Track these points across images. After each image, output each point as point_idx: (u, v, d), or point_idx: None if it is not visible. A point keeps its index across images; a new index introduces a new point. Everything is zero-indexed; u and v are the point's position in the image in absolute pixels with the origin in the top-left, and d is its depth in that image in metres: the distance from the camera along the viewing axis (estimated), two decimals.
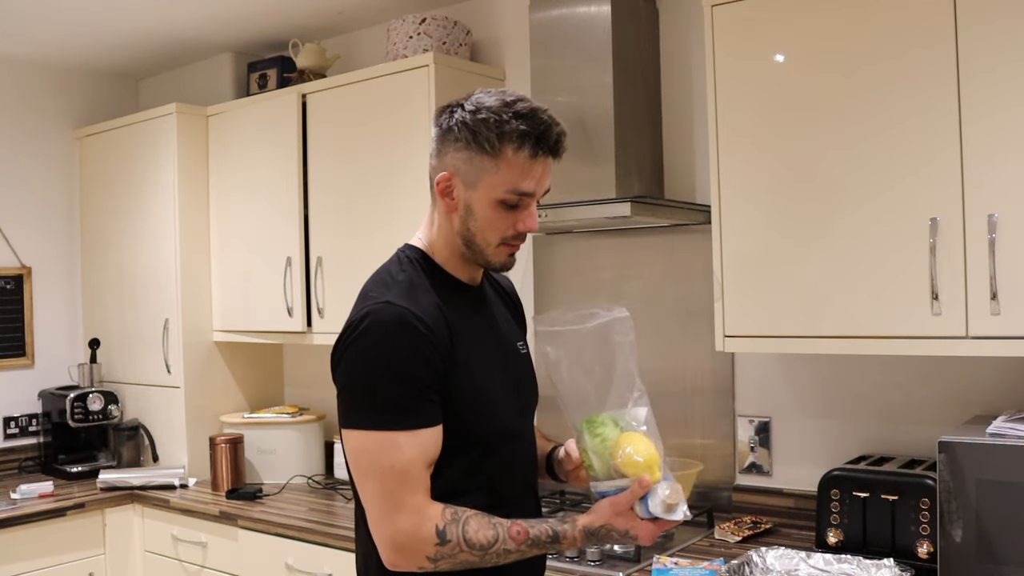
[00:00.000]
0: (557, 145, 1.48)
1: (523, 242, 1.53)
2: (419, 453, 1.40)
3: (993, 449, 1.84)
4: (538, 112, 1.46)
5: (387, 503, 1.40)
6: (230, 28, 3.51)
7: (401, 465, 1.39)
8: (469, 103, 1.47)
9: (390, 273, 1.52)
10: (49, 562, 3.16)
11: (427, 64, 2.89)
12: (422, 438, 1.41)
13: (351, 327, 1.43)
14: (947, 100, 1.96)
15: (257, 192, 3.42)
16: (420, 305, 1.44)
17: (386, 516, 1.40)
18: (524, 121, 1.43)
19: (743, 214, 2.26)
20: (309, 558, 2.76)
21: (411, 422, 1.40)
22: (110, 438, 3.73)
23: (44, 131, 3.90)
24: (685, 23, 2.74)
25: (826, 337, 2.14)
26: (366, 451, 1.41)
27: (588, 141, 2.60)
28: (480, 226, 1.48)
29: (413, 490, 1.40)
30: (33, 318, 3.84)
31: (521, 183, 1.45)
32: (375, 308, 1.42)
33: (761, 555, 2.11)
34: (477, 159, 1.45)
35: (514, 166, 1.44)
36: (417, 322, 1.41)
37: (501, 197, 1.46)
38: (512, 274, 3.12)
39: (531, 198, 1.48)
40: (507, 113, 1.43)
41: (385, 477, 1.40)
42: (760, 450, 2.63)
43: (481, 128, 1.44)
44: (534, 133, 1.44)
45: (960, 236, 1.95)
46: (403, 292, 1.46)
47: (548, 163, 1.49)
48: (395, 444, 1.39)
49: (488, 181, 1.45)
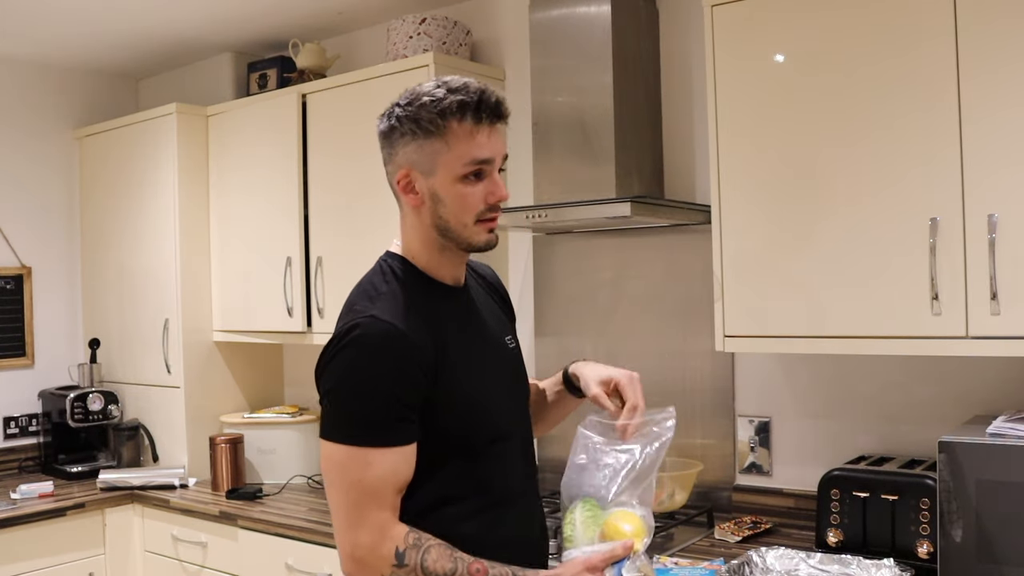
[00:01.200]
0: (499, 106, 1.49)
1: (499, 214, 1.52)
2: (389, 471, 1.41)
3: (993, 449, 1.84)
4: (470, 83, 1.47)
5: (351, 516, 1.41)
6: (230, 28, 3.51)
7: (369, 481, 1.40)
8: (402, 97, 1.48)
9: (374, 285, 1.52)
10: (49, 562, 3.16)
11: (427, 64, 2.89)
12: (394, 457, 1.41)
13: (337, 339, 1.44)
14: (947, 100, 1.96)
15: (257, 192, 3.42)
16: (405, 320, 1.44)
17: (348, 528, 1.42)
18: (458, 93, 1.44)
19: (743, 214, 2.26)
20: (309, 558, 2.76)
21: (385, 440, 1.41)
22: (110, 438, 3.73)
23: (44, 131, 3.90)
24: (685, 23, 2.74)
25: (826, 337, 2.14)
26: (337, 463, 1.42)
27: (588, 141, 2.60)
28: (451, 210, 1.47)
29: (379, 507, 1.41)
30: (33, 318, 3.84)
31: (475, 152, 1.45)
32: (361, 322, 1.43)
33: (761, 555, 2.11)
34: (427, 145, 1.45)
35: (462, 138, 1.45)
36: (402, 339, 1.41)
37: (460, 172, 1.45)
38: (512, 274, 3.14)
39: (490, 166, 1.48)
40: (440, 91, 1.45)
41: (351, 490, 1.41)
42: (760, 450, 2.63)
43: (421, 113, 1.44)
44: (472, 101, 1.45)
45: (960, 236, 1.95)
46: (388, 306, 1.45)
47: (496, 128, 1.49)
48: (366, 460, 1.40)
49: (443, 161, 1.45)
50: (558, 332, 3.03)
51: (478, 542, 1.51)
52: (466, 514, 1.51)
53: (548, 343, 3.06)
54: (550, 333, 3.05)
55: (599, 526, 1.47)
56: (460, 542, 1.48)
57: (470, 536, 1.50)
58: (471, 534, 1.50)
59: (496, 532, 1.55)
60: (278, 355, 3.89)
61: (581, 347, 2.97)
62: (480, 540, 1.51)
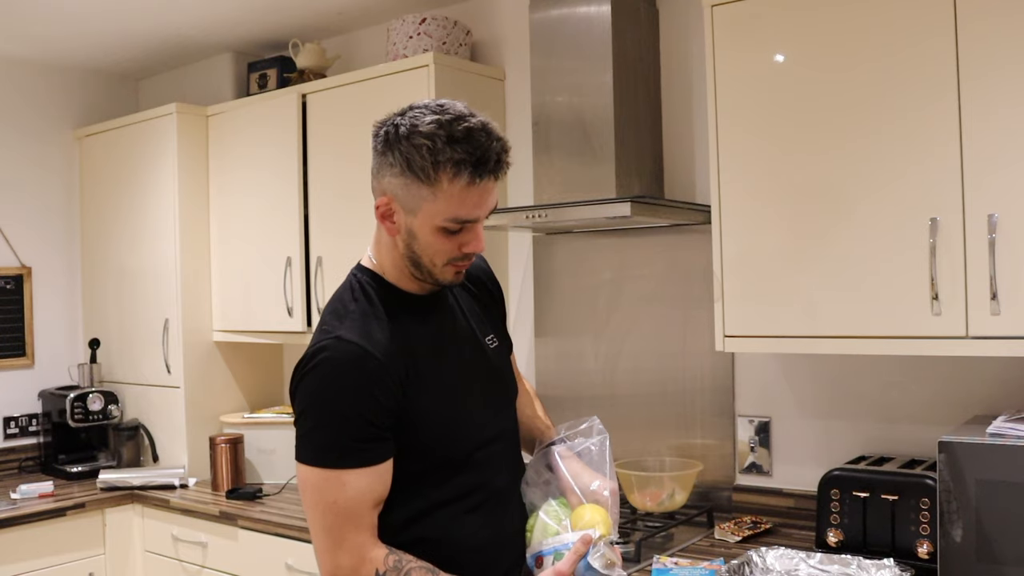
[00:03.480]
0: (497, 167, 1.41)
1: (472, 259, 1.51)
2: (365, 491, 1.40)
3: (993, 449, 1.84)
4: (474, 133, 1.38)
5: (330, 539, 1.41)
6: (230, 28, 3.51)
7: (344, 502, 1.39)
8: (404, 123, 1.40)
9: (343, 302, 1.50)
10: (49, 562, 3.16)
11: (427, 64, 2.89)
12: (368, 477, 1.40)
13: (305, 361, 1.43)
14: (947, 100, 1.96)
15: (257, 192, 3.42)
16: (372, 339, 1.43)
17: (328, 551, 1.41)
18: (459, 147, 1.36)
19: (743, 214, 2.26)
20: (309, 558, 2.76)
21: (357, 460, 1.40)
22: (110, 438, 3.73)
23: (44, 131, 3.90)
24: (685, 23, 2.74)
25: (826, 337, 2.14)
26: (312, 486, 1.41)
27: (588, 141, 2.60)
28: (424, 250, 1.45)
29: (356, 529, 1.40)
30: (33, 318, 3.84)
31: (460, 211, 1.40)
32: (327, 343, 1.42)
33: (761, 555, 2.11)
34: (414, 187, 1.40)
35: (451, 196, 1.39)
36: (367, 359, 1.40)
37: (441, 225, 1.42)
38: (512, 274, 3.14)
39: (475, 223, 1.44)
40: (441, 139, 1.36)
41: (328, 512, 1.40)
42: (760, 450, 2.63)
43: (415, 156, 1.38)
44: (470, 160, 1.37)
45: (960, 236, 1.95)
46: (355, 325, 1.44)
47: (490, 185, 1.42)
48: (340, 481, 1.39)
49: (426, 209, 1.41)
50: (558, 332, 3.03)
51: (473, 543, 1.51)
52: (458, 517, 1.51)
53: (548, 343, 3.06)
54: (550, 333, 3.05)
55: (566, 517, 1.53)
56: (454, 544, 1.48)
57: (464, 537, 1.50)
58: (465, 535, 1.51)
59: (490, 530, 1.54)
60: (278, 355, 3.89)
61: (581, 347, 2.97)
62: (475, 540, 1.52)
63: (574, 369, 2.99)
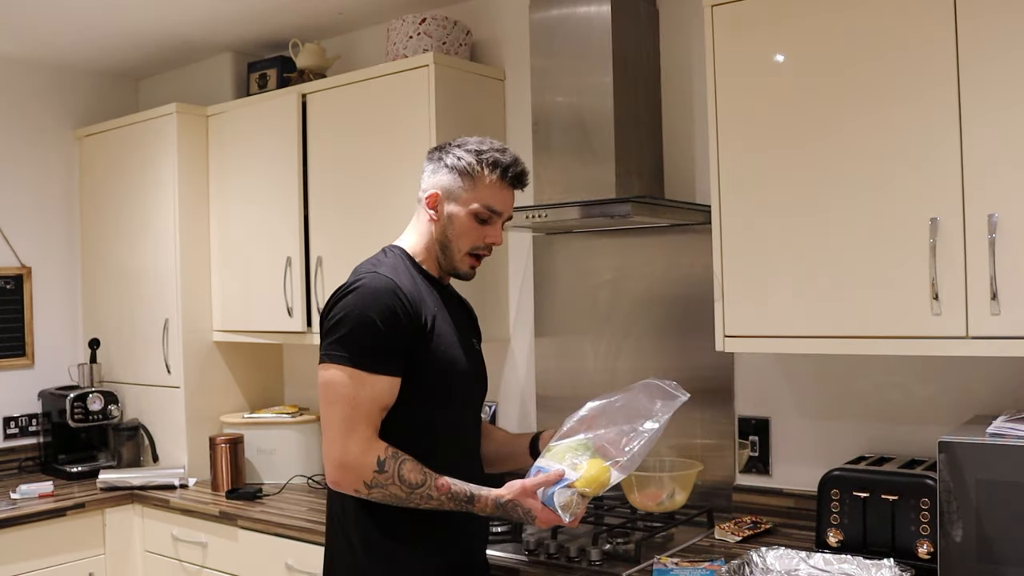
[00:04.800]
0: (523, 176, 1.88)
1: (486, 256, 1.91)
2: (377, 394, 1.73)
3: (993, 449, 1.84)
4: (507, 150, 1.88)
5: (343, 428, 1.71)
6: (230, 28, 3.51)
7: (360, 399, 1.71)
8: (456, 142, 1.89)
9: (376, 258, 1.88)
10: (49, 562, 3.16)
11: (427, 64, 2.89)
12: (382, 383, 1.73)
13: (346, 286, 1.78)
14: (947, 100, 1.96)
15: (257, 192, 3.42)
16: (401, 281, 1.79)
17: (339, 438, 1.72)
18: (499, 153, 1.86)
19: (743, 214, 2.26)
20: (309, 558, 2.76)
21: (376, 367, 1.72)
22: (110, 438, 3.73)
23: (44, 131, 3.91)
24: (685, 23, 2.74)
25: (826, 337, 2.14)
26: (335, 382, 1.72)
27: (588, 141, 2.60)
28: (456, 232, 1.86)
29: (366, 424, 1.72)
30: (33, 318, 3.84)
31: (492, 201, 1.85)
32: (368, 274, 1.78)
33: (761, 555, 2.11)
34: (460, 180, 1.85)
35: (489, 186, 1.85)
36: (399, 291, 1.76)
37: (476, 210, 1.85)
38: (512, 274, 3.14)
39: (499, 217, 1.87)
40: (485, 146, 1.86)
41: (346, 405, 1.71)
42: (760, 450, 2.63)
43: (465, 156, 1.85)
44: (505, 162, 1.85)
45: (960, 236, 1.95)
46: (389, 270, 1.80)
47: (513, 193, 1.89)
48: (360, 381, 1.71)
49: (467, 197, 1.85)
50: (558, 332, 3.03)
51: None
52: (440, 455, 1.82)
53: (548, 343, 3.06)
54: (550, 333, 3.05)
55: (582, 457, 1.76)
56: None
57: None
58: None
59: None
60: (278, 355, 3.89)
61: (581, 347, 2.97)
62: None
63: (574, 369, 2.99)
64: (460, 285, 2.05)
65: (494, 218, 1.86)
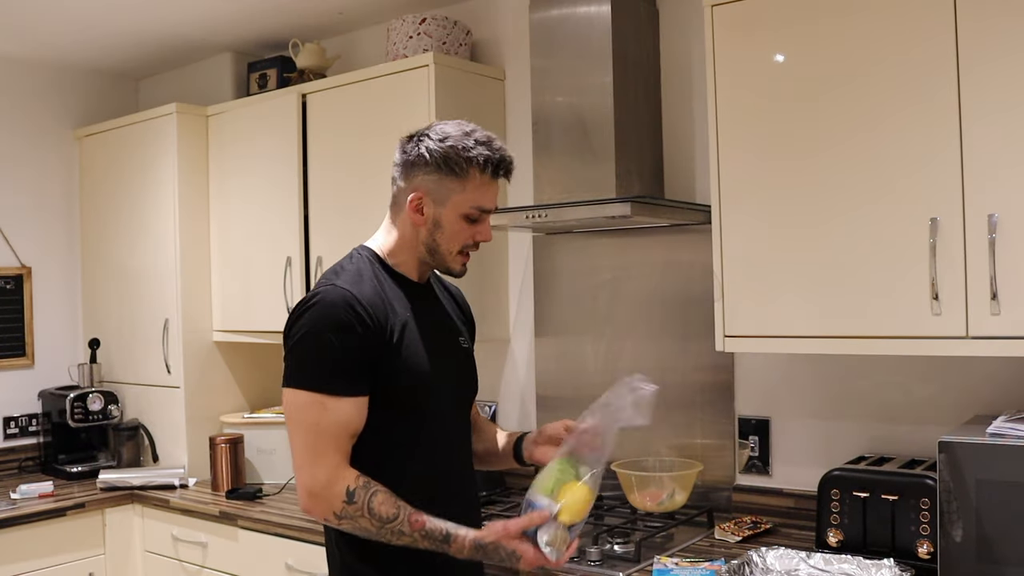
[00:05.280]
0: (510, 168, 1.74)
1: (476, 250, 1.78)
2: (343, 417, 1.62)
3: (993, 449, 1.84)
4: (492, 140, 1.71)
5: (309, 454, 1.62)
6: (230, 28, 3.51)
7: (325, 424, 1.61)
8: (434, 133, 1.71)
9: (340, 265, 1.75)
10: (49, 562, 3.16)
11: (427, 64, 2.89)
12: (347, 406, 1.62)
13: (303, 303, 1.67)
14: (947, 100, 1.96)
15: (257, 192, 3.42)
16: (362, 290, 1.66)
17: (307, 465, 1.62)
18: (484, 148, 1.68)
19: (743, 214, 2.26)
20: (309, 558, 2.76)
21: (339, 389, 1.61)
22: (110, 438, 3.73)
23: (44, 131, 3.91)
24: (685, 23, 2.74)
25: (826, 337, 2.14)
26: (298, 407, 1.63)
27: (588, 141, 2.60)
28: (446, 237, 1.73)
29: (333, 450, 1.62)
30: (33, 318, 3.84)
31: (483, 201, 1.72)
32: (325, 289, 1.66)
33: (761, 555, 2.11)
34: (446, 181, 1.69)
35: (478, 187, 1.70)
36: (357, 304, 1.63)
37: (466, 212, 1.71)
38: (512, 274, 3.14)
39: (488, 214, 1.75)
40: (469, 140, 1.68)
41: (310, 432, 1.61)
42: (760, 450, 2.63)
43: (451, 154, 1.67)
44: (494, 159, 1.69)
45: (960, 236, 1.95)
46: (349, 279, 1.68)
47: (499, 186, 1.75)
48: (324, 405, 1.61)
49: (455, 199, 1.70)
50: (558, 332, 3.03)
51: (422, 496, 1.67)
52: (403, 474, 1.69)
53: (548, 343, 3.06)
54: (550, 333, 3.05)
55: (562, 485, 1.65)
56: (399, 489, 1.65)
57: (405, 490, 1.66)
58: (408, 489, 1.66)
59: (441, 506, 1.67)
60: (278, 355, 3.86)
61: (581, 347, 2.97)
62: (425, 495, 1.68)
63: (574, 369, 2.99)
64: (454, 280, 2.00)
65: (483, 216, 1.74)
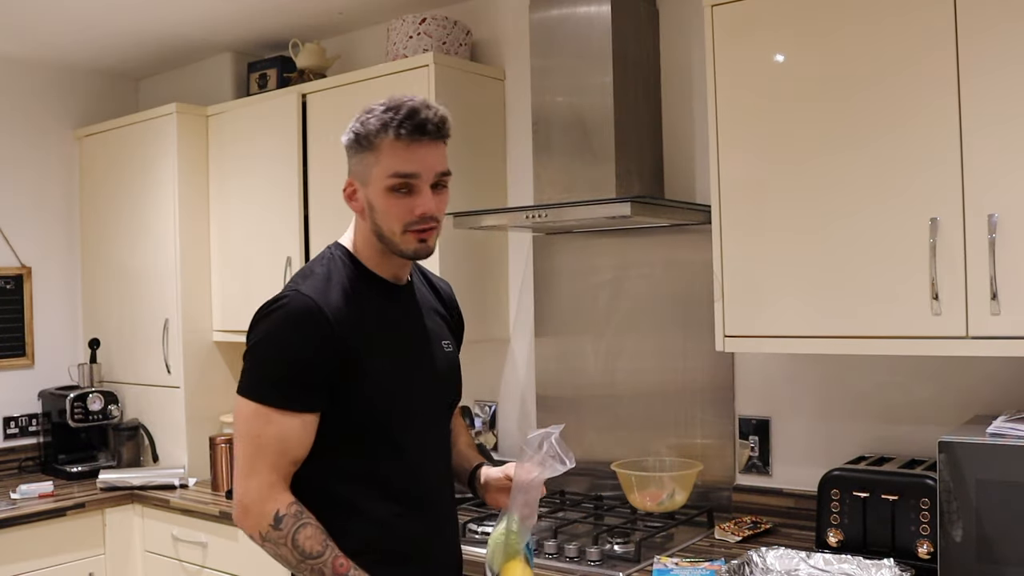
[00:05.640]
0: (424, 124, 1.54)
1: (432, 226, 1.60)
2: (286, 433, 1.52)
3: (993, 449, 1.84)
4: (407, 102, 1.55)
5: (247, 467, 1.53)
6: (230, 28, 3.51)
7: (266, 438, 1.52)
8: (359, 115, 1.59)
9: (310, 267, 1.66)
10: (49, 562, 3.16)
11: (427, 64, 2.89)
12: (292, 423, 1.53)
13: (264, 307, 1.58)
14: (948, 99, 1.95)
15: (257, 192, 3.42)
16: (329, 298, 1.56)
17: (242, 478, 1.54)
18: (392, 111, 1.54)
19: (743, 214, 2.26)
20: None
21: (286, 403, 1.52)
22: (110, 438, 3.73)
23: (44, 131, 3.90)
24: (685, 23, 2.74)
25: (826, 337, 2.14)
26: (244, 417, 1.54)
27: (588, 141, 2.60)
28: (382, 217, 1.58)
29: (272, 467, 1.52)
30: (33, 318, 3.84)
31: (399, 166, 1.54)
32: (288, 295, 1.57)
33: (761, 555, 2.11)
34: (363, 158, 1.58)
35: (390, 154, 1.54)
36: (318, 313, 1.54)
37: (387, 184, 1.55)
38: (512, 274, 3.14)
39: (417, 180, 1.56)
40: (380, 109, 1.56)
41: (251, 444, 1.53)
42: (760, 450, 2.63)
43: (361, 130, 1.57)
44: (398, 119, 1.53)
45: (960, 236, 1.94)
46: (316, 284, 1.58)
47: (427, 145, 1.56)
48: (268, 418, 1.52)
49: (374, 175, 1.56)
50: (558, 332, 3.03)
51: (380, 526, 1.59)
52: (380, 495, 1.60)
53: (548, 343, 3.06)
54: (550, 333, 3.05)
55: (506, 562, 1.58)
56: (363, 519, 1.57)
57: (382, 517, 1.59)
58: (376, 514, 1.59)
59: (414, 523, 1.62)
60: None
61: (581, 347, 2.97)
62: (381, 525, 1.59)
63: (574, 369, 2.99)
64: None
65: (413, 184, 1.55)
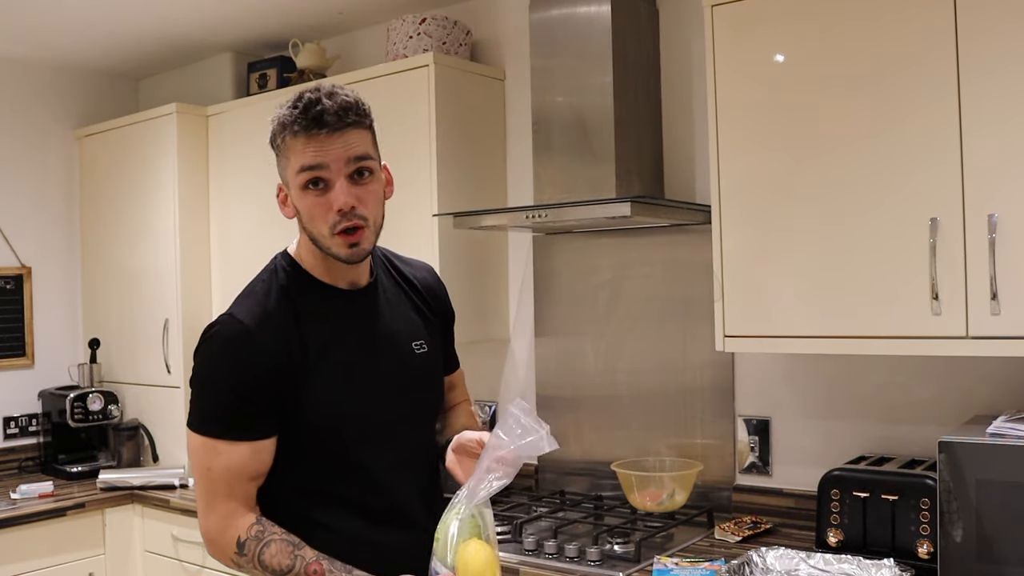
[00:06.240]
0: (321, 115, 1.48)
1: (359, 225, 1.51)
2: (236, 462, 1.49)
3: (993, 449, 1.84)
4: (307, 95, 1.51)
5: (203, 500, 1.52)
6: (230, 28, 3.51)
7: (217, 470, 1.49)
8: None
9: (253, 283, 1.62)
10: (49, 562, 3.16)
11: (427, 64, 2.89)
12: (240, 451, 1.49)
13: (203, 334, 1.55)
14: (947, 99, 1.95)
15: (257, 192, 3.42)
16: (264, 323, 1.51)
17: (202, 512, 1.52)
18: (290, 108, 1.52)
19: (743, 214, 2.26)
20: None
21: (230, 433, 1.49)
22: (110, 438, 3.73)
23: (44, 131, 3.90)
24: (685, 23, 2.74)
25: (826, 337, 2.14)
26: (192, 450, 1.52)
27: (588, 141, 2.60)
28: (308, 221, 1.54)
29: (227, 496, 1.49)
30: (33, 318, 3.84)
31: (304, 160, 1.50)
32: (222, 320, 1.54)
33: (761, 555, 2.11)
34: (279, 161, 1.57)
35: (295, 151, 1.51)
36: (252, 338, 1.49)
37: (299, 181, 1.52)
38: (512, 274, 3.13)
39: (326, 171, 1.50)
40: (283, 110, 1.53)
41: (203, 477, 1.51)
42: (760, 450, 2.63)
43: (271, 133, 1.57)
44: (295, 114, 1.50)
45: (960, 236, 1.95)
46: (251, 307, 1.54)
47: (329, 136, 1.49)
48: (215, 450, 1.49)
49: (289, 176, 1.54)
50: (558, 332, 3.03)
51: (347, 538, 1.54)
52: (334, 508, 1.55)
53: (548, 343, 3.06)
54: (550, 333, 3.05)
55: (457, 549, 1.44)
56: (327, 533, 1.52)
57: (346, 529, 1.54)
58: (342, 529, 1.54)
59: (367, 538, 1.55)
60: None
61: (581, 347, 2.97)
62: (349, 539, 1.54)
63: (574, 369, 2.99)
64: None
65: (325, 177, 1.50)
